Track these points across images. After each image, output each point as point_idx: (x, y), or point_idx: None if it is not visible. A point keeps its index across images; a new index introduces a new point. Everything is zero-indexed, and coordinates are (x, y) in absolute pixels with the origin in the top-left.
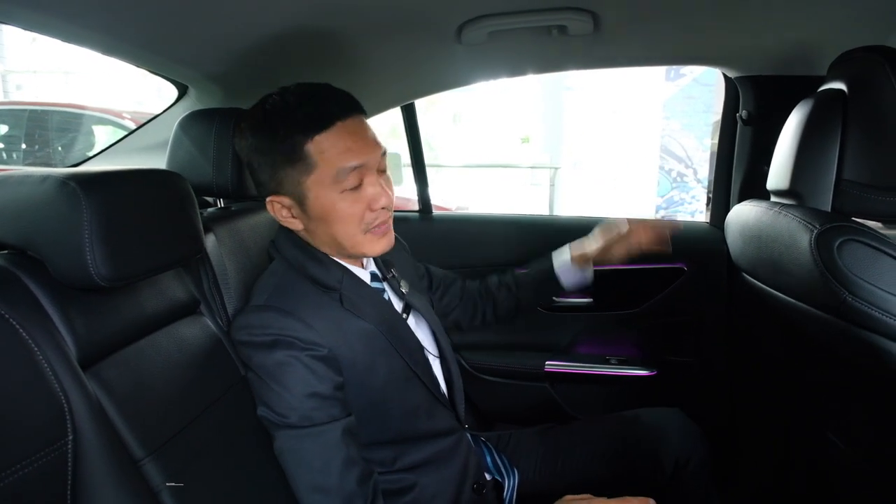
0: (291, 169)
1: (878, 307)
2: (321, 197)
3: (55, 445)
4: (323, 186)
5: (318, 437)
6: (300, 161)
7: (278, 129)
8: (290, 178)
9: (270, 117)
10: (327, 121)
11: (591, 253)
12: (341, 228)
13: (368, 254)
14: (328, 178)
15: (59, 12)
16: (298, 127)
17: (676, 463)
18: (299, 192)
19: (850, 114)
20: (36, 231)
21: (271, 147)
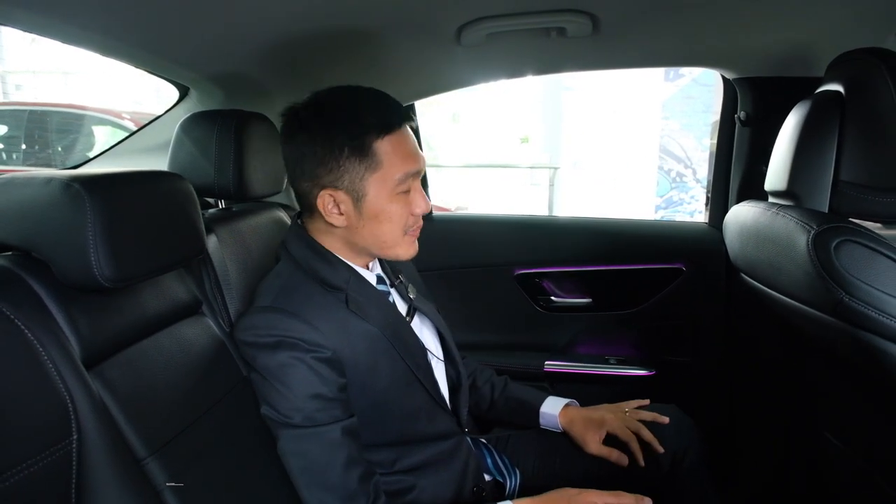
0: (358, 164)
1: (875, 307)
2: (380, 196)
3: (60, 445)
4: (384, 186)
5: (321, 438)
6: (368, 158)
7: (350, 122)
8: (353, 172)
9: (340, 111)
10: (396, 123)
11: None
12: (389, 228)
13: (402, 256)
14: (391, 179)
15: (58, 14)
16: (372, 123)
17: (673, 458)
18: (359, 189)
19: (848, 115)
20: (40, 232)
21: (341, 139)
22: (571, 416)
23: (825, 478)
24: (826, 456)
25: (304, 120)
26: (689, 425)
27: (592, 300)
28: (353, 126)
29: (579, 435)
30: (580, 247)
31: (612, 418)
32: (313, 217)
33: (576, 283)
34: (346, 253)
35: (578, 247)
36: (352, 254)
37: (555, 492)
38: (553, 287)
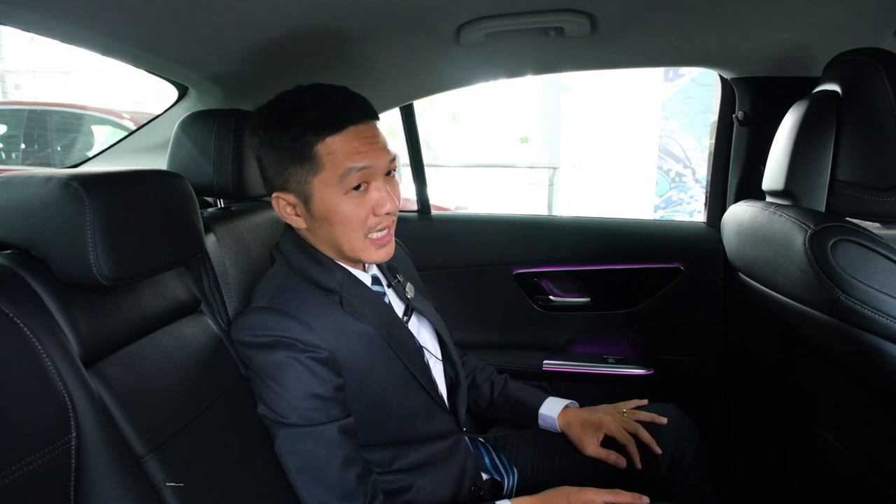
0: (300, 168)
1: (871, 306)
2: (325, 197)
3: (59, 442)
4: (328, 187)
5: (319, 437)
6: (308, 161)
7: (291, 128)
8: (297, 176)
9: (285, 115)
10: (340, 124)
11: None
12: (343, 231)
13: (366, 260)
14: (334, 178)
15: (58, 13)
16: (311, 127)
17: (672, 458)
18: (305, 191)
19: (844, 115)
20: (39, 231)
21: (282, 145)
22: (569, 418)
23: (822, 476)
24: (823, 454)
25: (257, 123)
26: (687, 424)
27: (591, 299)
28: (295, 128)
29: (577, 437)
30: (578, 246)
31: (610, 420)
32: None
33: (574, 283)
34: (337, 256)
35: (577, 246)
36: (341, 256)
37: (553, 490)
38: (551, 286)
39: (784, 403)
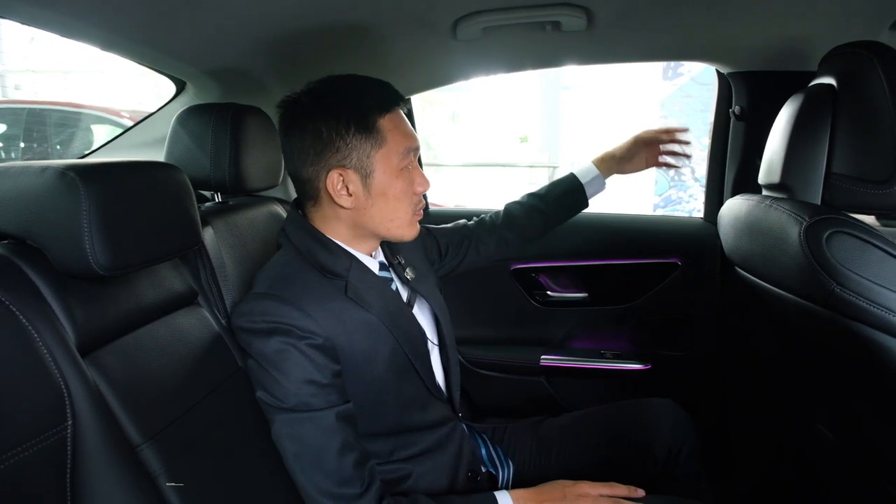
0: (364, 141)
1: (867, 298)
2: (387, 172)
3: (55, 430)
4: (389, 162)
5: (316, 422)
6: (373, 134)
7: (352, 104)
8: (360, 150)
9: (341, 94)
10: (394, 102)
11: (622, 153)
12: (396, 205)
13: (406, 237)
14: (395, 154)
15: (58, 7)
16: (374, 102)
17: (668, 452)
18: (366, 166)
19: (840, 108)
20: (36, 221)
21: (346, 118)
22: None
23: (819, 470)
24: (820, 448)
25: (307, 105)
26: (684, 419)
27: (588, 295)
28: (355, 106)
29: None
30: (576, 242)
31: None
32: (318, 205)
33: (571, 278)
34: (351, 240)
35: (574, 242)
36: (356, 240)
37: (549, 483)
38: (549, 282)
39: (781, 398)
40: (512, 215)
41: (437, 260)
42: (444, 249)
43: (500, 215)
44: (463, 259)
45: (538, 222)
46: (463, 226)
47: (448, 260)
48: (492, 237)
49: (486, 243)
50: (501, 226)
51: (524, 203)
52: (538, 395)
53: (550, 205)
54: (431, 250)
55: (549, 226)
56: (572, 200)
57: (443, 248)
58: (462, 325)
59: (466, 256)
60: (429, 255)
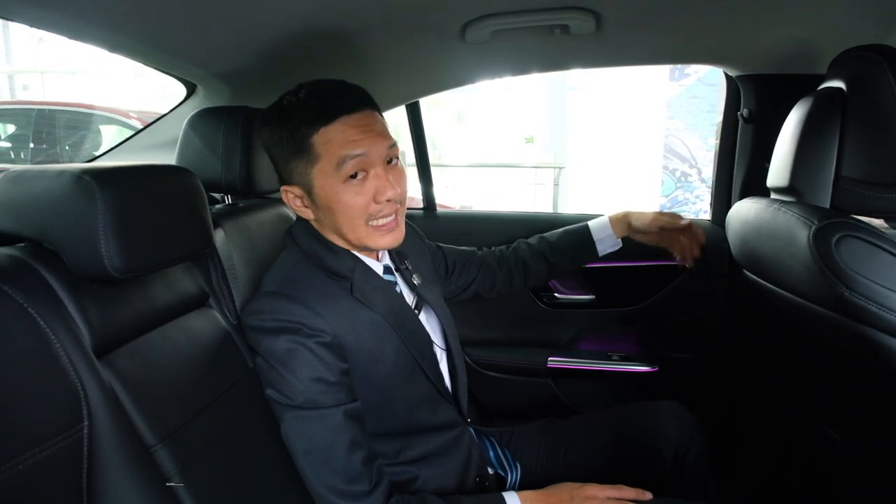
0: (300, 160)
1: (876, 302)
2: (325, 186)
3: (71, 431)
4: (327, 176)
5: (325, 420)
6: (307, 152)
7: (289, 122)
8: (298, 168)
9: (284, 112)
10: (332, 114)
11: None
12: (345, 219)
13: (372, 247)
14: (330, 167)
15: (67, 10)
16: (306, 120)
17: (675, 455)
18: (307, 182)
19: (849, 111)
20: (52, 224)
21: (284, 140)
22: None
23: (826, 473)
24: (827, 451)
25: (262, 124)
26: (691, 421)
27: (595, 297)
28: (292, 123)
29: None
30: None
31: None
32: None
33: (579, 280)
34: (346, 244)
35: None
36: (349, 244)
37: (557, 486)
38: (556, 283)
39: (788, 400)
40: (520, 255)
41: (444, 276)
42: (451, 267)
43: (510, 250)
44: (470, 284)
45: (543, 269)
46: (472, 252)
47: (454, 279)
48: (501, 269)
49: (497, 274)
50: (510, 261)
51: (533, 246)
52: (545, 397)
53: (558, 255)
54: (439, 265)
55: (553, 274)
56: (582, 253)
57: (450, 266)
58: (469, 326)
59: (473, 283)
60: (437, 269)
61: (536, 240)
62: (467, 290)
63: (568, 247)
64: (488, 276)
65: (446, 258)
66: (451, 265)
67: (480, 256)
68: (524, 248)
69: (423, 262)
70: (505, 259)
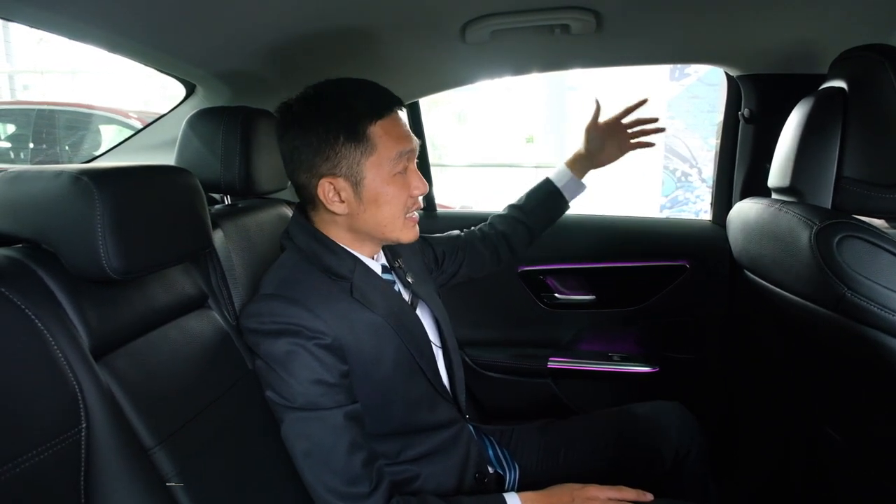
0: (354, 149)
1: (878, 303)
2: (377, 178)
3: (69, 433)
4: (380, 169)
5: (324, 421)
6: (363, 143)
7: (342, 111)
8: (350, 158)
9: (332, 101)
10: (388, 107)
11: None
12: (389, 211)
13: (404, 240)
14: (386, 161)
15: (67, 10)
16: (364, 110)
17: (676, 455)
18: (357, 173)
19: (851, 112)
20: (50, 225)
21: (336, 127)
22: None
23: (827, 474)
24: (828, 452)
25: (298, 113)
26: (692, 421)
27: (596, 297)
28: (346, 113)
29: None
30: (584, 244)
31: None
32: (316, 208)
33: (579, 281)
34: (352, 243)
35: (582, 244)
36: (357, 243)
37: (557, 486)
38: (557, 284)
39: (789, 401)
40: (498, 228)
41: (435, 268)
42: (441, 257)
43: (487, 226)
44: (459, 268)
45: (522, 233)
46: (456, 236)
47: (445, 268)
48: (486, 248)
49: (482, 253)
50: (491, 237)
51: (506, 216)
52: (545, 398)
53: (530, 214)
54: (429, 258)
55: (533, 235)
56: (552, 205)
57: (439, 256)
58: (470, 327)
59: (462, 266)
60: (426, 263)
61: (507, 209)
62: (457, 274)
63: (538, 204)
64: (476, 258)
65: (434, 248)
66: (441, 255)
67: (464, 239)
68: (499, 220)
69: (415, 259)
70: (486, 236)
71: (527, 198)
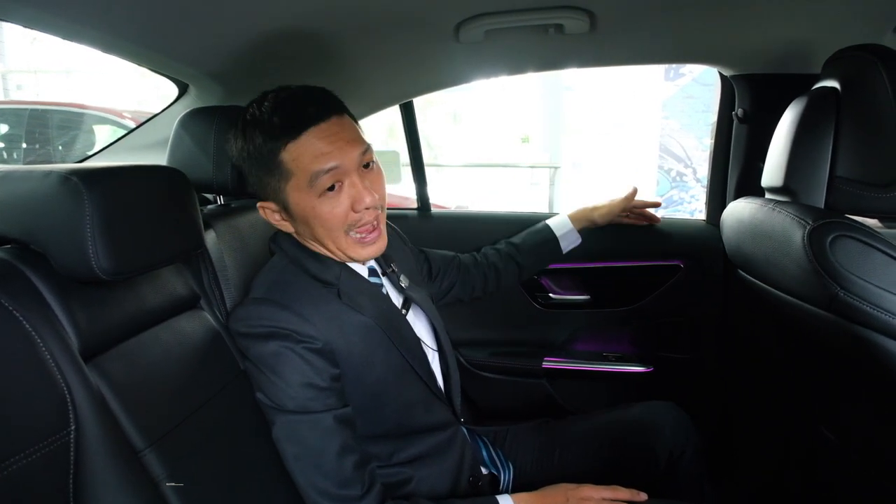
0: (271, 178)
1: (870, 302)
2: (301, 202)
3: (58, 435)
4: (300, 192)
5: (315, 425)
6: (276, 169)
7: (255, 139)
8: (270, 186)
9: (248, 127)
10: (298, 128)
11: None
12: (324, 231)
13: (355, 258)
14: (304, 183)
15: (59, 10)
16: (272, 136)
17: (671, 455)
18: (282, 199)
19: (844, 111)
20: (39, 225)
21: (252, 157)
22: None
23: (822, 473)
24: (823, 451)
25: (230, 139)
26: (687, 422)
27: (591, 297)
28: (258, 139)
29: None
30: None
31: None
32: None
33: (574, 281)
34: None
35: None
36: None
37: (552, 487)
38: (551, 284)
39: (784, 401)
40: (490, 259)
41: (428, 281)
42: (436, 272)
43: (480, 255)
44: (451, 288)
45: (512, 269)
46: (453, 256)
47: (437, 283)
48: (478, 274)
49: (475, 278)
50: (483, 266)
51: (500, 250)
52: (540, 398)
53: (524, 254)
54: (423, 268)
55: (522, 275)
56: (546, 251)
57: (434, 271)
58: (464, 327)
59: (455, 287)
60: (421, 272)
61: (504, 244)
62: (448, 295)
63: (534, 247)
64: (468, 281)
65: (430, 262)
66: (436, 270)
67: (460, 260)
68: (493, 253)
69: (408, 264)
70: (478, 264)
71: (524, 238)
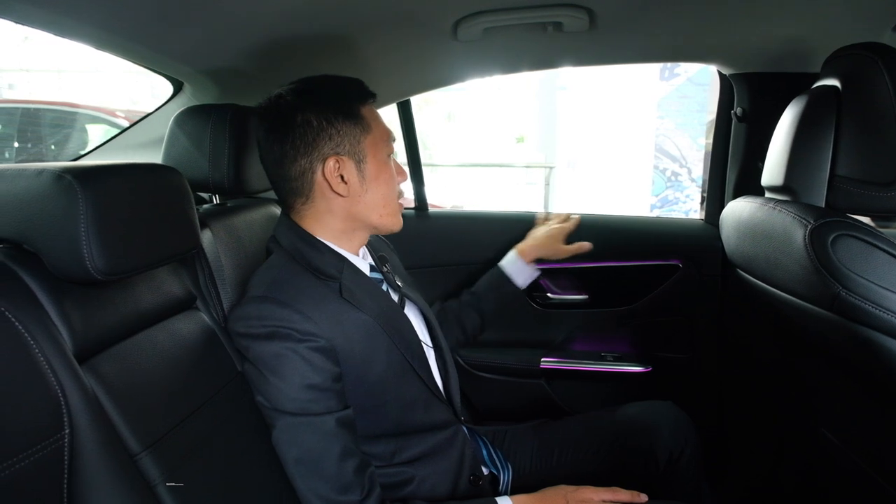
0: (353, 126)
1: (872, 301)
2: (378, 156)
3: (52, 439)
4: (376, 149)
5: (315, 427)
6: (359, 121)
7: (337, 93)
8: (351, 136)
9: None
10: (369, 94)
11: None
12: (387, 191)
13: (394, 227)
14: (381, 141)
15: (52, 7)
16: (353, 94)
17: (669, 456)
18: (359, 152)
19: (844, 110)
20: (32, 224)
21: (334, 108)
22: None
23: (821, 474)
24: (822, 452)
25: (292, 101)
26: (685, 421)
27: (588, 297)
28: (339, 96)
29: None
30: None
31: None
32: (310, 201)
33: (572, 280)
34: (340, 236)
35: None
36: (346, 235)
37: (551, 489)
38: (549, 284)
39: (782, 401)
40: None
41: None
42: None
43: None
44: None
45: (475, 318)
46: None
47: None
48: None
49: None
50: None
51: (462, 301)
52: (538, 398)
53: (483, 302)
54: None
55: (485, 321)
56: (502, 292)
57: None
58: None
59: None
60: None
61: (464, 294)
62: None
63: (489, 291)
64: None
65: None
66: None
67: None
68: (454, 306)
69: (400, 269)
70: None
71: (480, 285)
